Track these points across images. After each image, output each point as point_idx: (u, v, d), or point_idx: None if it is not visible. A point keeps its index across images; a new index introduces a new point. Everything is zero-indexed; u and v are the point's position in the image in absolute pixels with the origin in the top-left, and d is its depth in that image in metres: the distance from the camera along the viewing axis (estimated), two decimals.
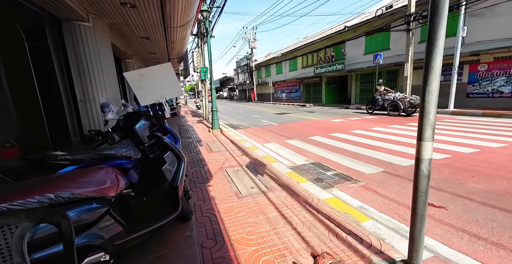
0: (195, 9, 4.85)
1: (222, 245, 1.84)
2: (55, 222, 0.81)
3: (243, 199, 2.63)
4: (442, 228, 2.04)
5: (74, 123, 4.09)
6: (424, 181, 1.38)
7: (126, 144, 1.93)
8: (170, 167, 1.90)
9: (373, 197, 2.70)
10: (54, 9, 3.37)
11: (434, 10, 1.22)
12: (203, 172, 3.60)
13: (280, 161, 4.09)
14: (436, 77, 1.27)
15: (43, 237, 1.01)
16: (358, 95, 15.77)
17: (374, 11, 13.81)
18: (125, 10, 4.09)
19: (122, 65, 8.53)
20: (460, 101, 9.91)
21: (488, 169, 3.25)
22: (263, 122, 9.82)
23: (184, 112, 17.55)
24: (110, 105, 1.88)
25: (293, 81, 22.45)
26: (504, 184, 2.78)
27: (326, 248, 1.75)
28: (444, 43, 1.25)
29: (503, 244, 1.80)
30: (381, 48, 13.44)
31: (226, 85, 46.38)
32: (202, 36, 10.65)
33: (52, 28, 3.70)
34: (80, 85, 3.94)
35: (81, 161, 1.61)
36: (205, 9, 7.24)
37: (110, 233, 1.30)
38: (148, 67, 2.17)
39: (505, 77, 8.95)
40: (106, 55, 4.23)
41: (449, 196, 2.60)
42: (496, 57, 9.06)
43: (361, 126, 7.20)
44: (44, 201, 1.01)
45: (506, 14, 8.48)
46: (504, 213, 2.21)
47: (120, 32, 5.54)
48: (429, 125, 1.32)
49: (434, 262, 1.60)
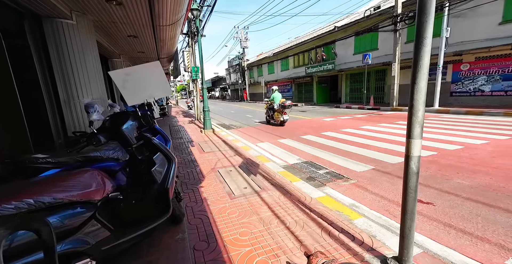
0: (184, 7, 4.76)
1: (215, 247, 1.81)
2: (34, 229, 0.77)
3: (236, 200, 2.60)
4: (430, 224, 2.10)
5: (58, 125, 3.92)
6: (414, 178, 1.40)
7: (113, 146, 1.86)
8: (160, 168, 1.84)
9: (364, 194, 2.74)
10: (33, 5, 3.21)
11: (422, 10, 1.24)
12: (195, 173, 3.55)
13: (273, 160, 4.09)
14: (424, 75, 1.30)
15: (22, 245, 0.95)
16: (348, 94, 16.06)
17: (363, 11, 14.09)
18: (111, 7, 3.95)
19: (109, 65, 8.28)
20: (444, 99, 10.29)
21: (471, 165, 3.38)
22: (255, 121, 9.81)
23: (175, 112, 17.28)
24: (95, 105, 1.80)
25: (285, 80, 22.57)
26: (487, 180, 2.90)
27: (319, 247, 1.76)
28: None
29: (488, 238, 1.87)
30: (369, 48, 13.73)
31: (218, 85, 46.03)
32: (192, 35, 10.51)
33: (32, 25, 3.53)
34: (63, 85, 3.78)
35: (64, 164, 1.54)
36: (195, 8, 7.13)
37: (97, 238, 1.24)
38: (136, 66, 2.10)
39: (486, 76, 9.36)
40: (91, 54, 4.08)
41: (436, 192, 2.68)
42: (477, 57, 9.46)
43: (351, 125, 7.32)
44: (23, 207, 0.95)
45: (486, 15, 8.86)
46: (487, 207, 2.30)
47: (106, 30, 5.36)
48: (417, 123, 1.34)
49: (423, 258, 1.63)
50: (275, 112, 8.22)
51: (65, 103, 3.82)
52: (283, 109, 7.88)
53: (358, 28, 13.30)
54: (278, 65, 23.37)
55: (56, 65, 3.71)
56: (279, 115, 8.04)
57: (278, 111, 8.06)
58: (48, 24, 3.60)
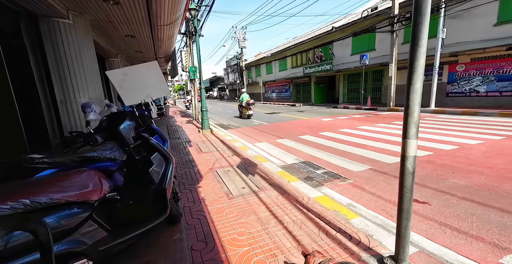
0: (182, 7, 4.75)
1: (212, 247, 1.81)
2: (30, 229, 0.76)
3: (234, 200, 2.61)
4: (426, 223, 2.12)
5: (54, 125, 3.89)
6: (409, 178, 1.42)
7: (110, 146, 1.85)
8: (158, 168, 1.84)
9: (361, 194, 2.76)
10: (30, 5, 3.18)
11: (417, 11, 1.26)
12: (193, 173, 3.54)
13: (271, 160, 4.10)
14: (420, 76, 1.31)
15: (18, 245, 0.95)
16: (345, 94, 16.13)
17: (360, 12, 14.18)
18: (108, 6, 3.93)
19: (106, 64, 8.22)
20: (440, 100, 10.39)
21: (466, 165, 3.42)
22: (253, 121, 9.81)
23: (173, 112, 17.21)
24: (92, 105, 1.80)
25: (283, 81, 22.60)
26: (481, 179, 2.94)
27: (317, 246, 1.77)
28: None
29: (482, 237, 1.89)
30: (367, 48, 13.81)
31: (216, 85, 45.95)
32: (190, 35, 10.48)
33: (28, 25, 3.49)
34: (60, 85, 3.74)
35: (60, 164, 1.53)
36: (193, 8, 7.12)
37: (94, 238, 1.24)
38: (133, 66, 2.10)
39: (481, 77, 9.47)
40: (88, 54, 4.05)
41: (432, 191, 2.71)
42: (473, 58, 9.57)
43: (349, 125, 7.36)
44: (19, 207, 0.94)
45: (482, 16, 8.96)
46: (482, 207, 2.33)
47: (103, 30, 5.33)
48: (413, 123, 1.36)
49: (419, 257, 1.65)
50: (244, 108, 10.82)
51: (61, 103, 3.79)
52: (248, 106, 10.55)
53: (356, 28, 13.37)
54: (276, 65, 23.40)
55: (53, 65, 3.67)
56: (246, 111, 10.71)
57: (246, 107, 10.67)
58: (44, 23, 3.56)
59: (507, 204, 2.33)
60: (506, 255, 1.68)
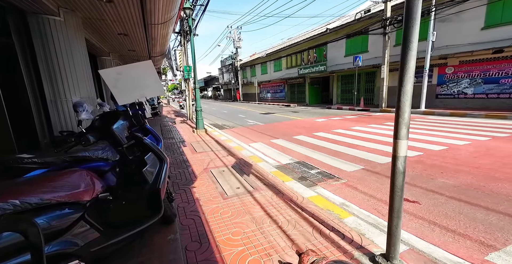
0: (177, 6, 4.71)
1: (207, 247, 1.81)
2: (20, 230, 0.75)
3: (228, 200, 2.61)
4: (416, 222, 2.18)
5: (43, 124, 3.79)
6: (400, 178, 1.46)
7: (103, 146, 1.83)
8: (152, 168, 1.82)
9: (354, 193, 2.81)
10: (17, 0, 3.09)
11: (409, 15, 1.29)
12: (187, 173, 3.52)
13: (266, 160, 4.12)
14: (410, 78, 1.35)
15: (8, 246, 0.92)
16: (339, 95, 16.34)
17: (354, 14, 14.38)
18: (100, 4, 3.86)
19: (98, 63, 8.06)
20: (430, 101, 10.66)
21: (454, 165, 3.53)
22: (248, 122, 9.82)
23: (167, 112, 17.02)
24: (84, 104, 1.76)
25: (278, 81, 22.69)
26: (468, 179, 3.03)
27: (311, 245, 1.79)
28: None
29: (469, 235, 1.96)
30: (360, 50, 14.03)
31: (210, 85, 45.66)
32: (185, 34, 10.40)
33: (17, 22, 3.39)
34: (50, 84, 3.65)
35: (51, 164, 1.50)
36: (188, 7, 7.07)
37: (86, 239, 1.22)
38: (127, 65, 2.07)
39: (469, 79, 9.77)
40: (79, 52, 3.97)
41: (422, 191, 2.78)
42: (461, 61, 9.87)
43: (342, 126, 7.46)
44: (8, 208, 0.92)
45: (470, 20, 9.25)
46: (469, 206, 2.41)
47: (95, 28, 5.23)
48: (404, 124, 1.40)
49: (409, 255, 1.70)
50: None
51: (51, 102, 3.70)
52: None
53: (349, 30, 13.57)
54: (271, 65, 23.47)
55: (42, 63, 3.58)
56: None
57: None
58: (33, 20, 3.47)
59: (492, 203, 2.42)
60: (491, 253, 1.75)
